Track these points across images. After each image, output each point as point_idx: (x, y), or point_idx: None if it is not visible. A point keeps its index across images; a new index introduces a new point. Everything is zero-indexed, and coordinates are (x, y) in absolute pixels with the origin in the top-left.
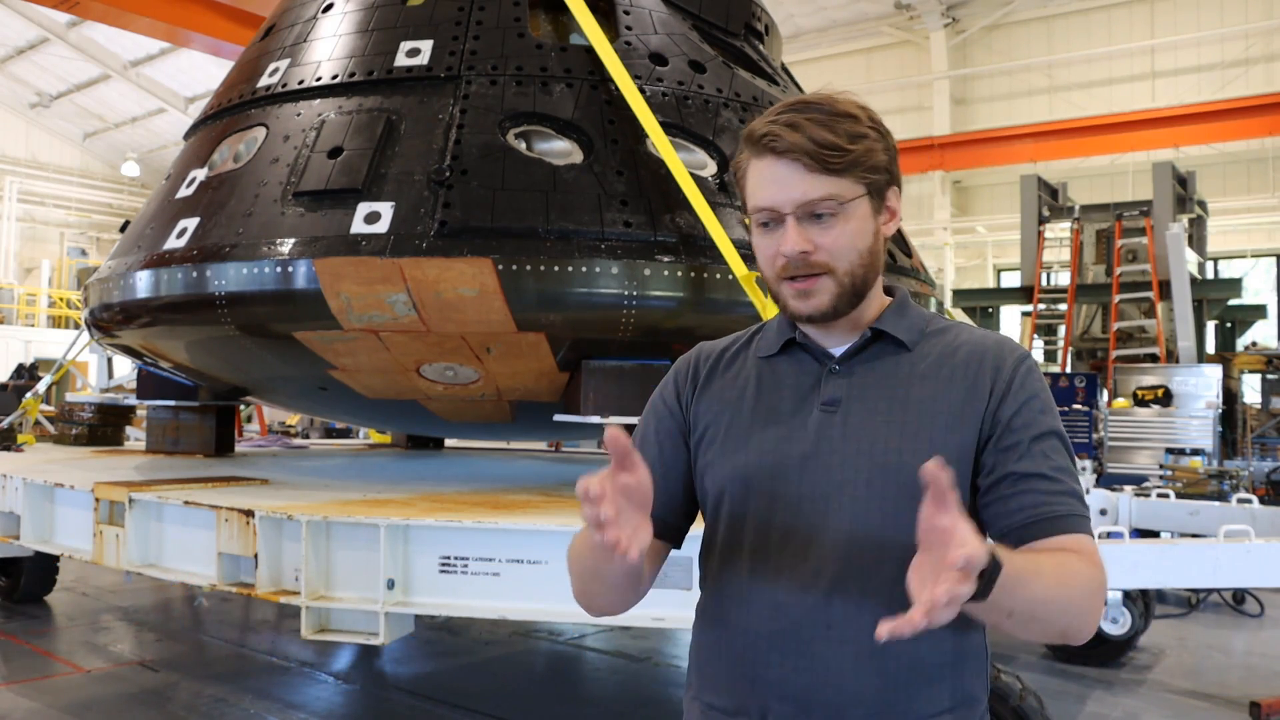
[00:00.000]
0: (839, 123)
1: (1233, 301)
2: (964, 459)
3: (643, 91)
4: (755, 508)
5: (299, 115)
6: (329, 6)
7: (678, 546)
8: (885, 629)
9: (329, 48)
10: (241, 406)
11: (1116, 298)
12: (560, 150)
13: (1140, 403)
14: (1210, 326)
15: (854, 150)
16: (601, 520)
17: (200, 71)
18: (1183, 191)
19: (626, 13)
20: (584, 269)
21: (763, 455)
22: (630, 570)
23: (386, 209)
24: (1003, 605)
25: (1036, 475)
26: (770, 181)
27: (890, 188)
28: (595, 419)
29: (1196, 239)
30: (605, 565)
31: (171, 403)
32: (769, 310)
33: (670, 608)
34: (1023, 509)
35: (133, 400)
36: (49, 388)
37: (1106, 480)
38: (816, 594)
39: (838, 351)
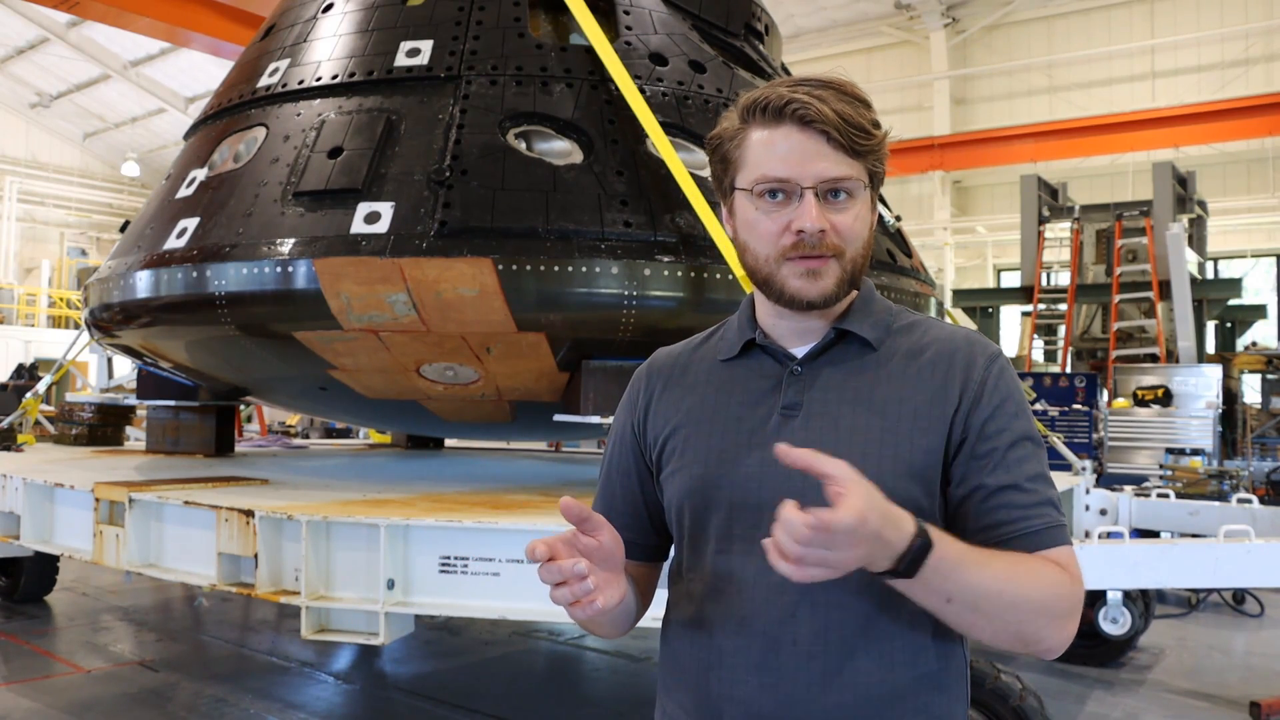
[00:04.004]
0: (860, 108)
1: (1233, 301)
2: (931, 464)
3: (643, 91)
4: (716, 519)
5: (299, 115)
6: (329, 6)
7: (664, 560)
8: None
9: (329, 48)
10: (241, 406)
11: (1116, 298)
12: (560, 150)
13: (1140, 403)
14: (1210, 326)
15: (876, 137)
16: (572, 593)
17: (200, 71)
18: (1183, 191)
19: (626, 13)
20: (584, 269)
21: (722, 464)
22: (610, 613)
23: (386, 209)
24: (938, 588)
25: (1011, 487)
26: (788, 152)
27: (880, 187)
28: (595, 419)
29: (1196, 239)
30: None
31: (171, 403)
32: None
33: None
34: (999, 524)
35: (133, 400)
36: (49, 388)
37: (1106, 480)
38: (781, 608)
39: (799, 352)
